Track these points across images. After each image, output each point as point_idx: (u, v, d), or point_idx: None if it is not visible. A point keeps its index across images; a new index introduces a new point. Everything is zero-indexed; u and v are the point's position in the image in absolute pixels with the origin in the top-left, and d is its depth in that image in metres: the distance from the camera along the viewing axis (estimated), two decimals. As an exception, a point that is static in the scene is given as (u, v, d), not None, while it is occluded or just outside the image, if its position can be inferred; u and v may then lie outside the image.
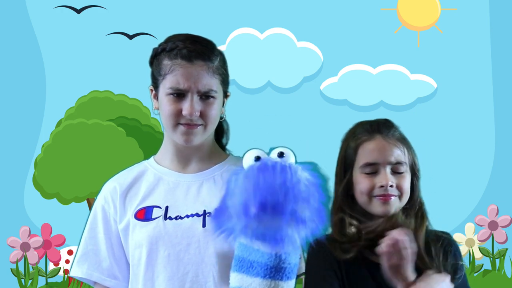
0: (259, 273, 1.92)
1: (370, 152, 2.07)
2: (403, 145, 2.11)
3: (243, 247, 1.94)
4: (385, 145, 2.08)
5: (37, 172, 4.62)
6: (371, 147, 2.08)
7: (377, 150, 2.07)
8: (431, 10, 4.75)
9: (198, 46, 2.10)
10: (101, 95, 4.69)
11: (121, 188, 2.16)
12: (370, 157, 2.08)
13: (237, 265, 1.95)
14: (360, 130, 2.13)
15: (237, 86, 4.54)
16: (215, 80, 2.10)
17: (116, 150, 4.59)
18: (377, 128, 2.11)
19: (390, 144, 2.08)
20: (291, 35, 4.75)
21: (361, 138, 2.10)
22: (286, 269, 1.93)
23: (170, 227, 2.09)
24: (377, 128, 2.11)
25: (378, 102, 4.75)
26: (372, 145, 2.08)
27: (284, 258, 1.92)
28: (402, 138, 2.12)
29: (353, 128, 2.16)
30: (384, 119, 2.15)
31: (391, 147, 2.08)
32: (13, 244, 4.58)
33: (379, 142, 2.08)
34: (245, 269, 1.93)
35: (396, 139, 2.10)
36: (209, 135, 2.15)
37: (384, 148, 2.07)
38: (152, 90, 2.17)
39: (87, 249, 2.17)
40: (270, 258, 1.91)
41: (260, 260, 1.92)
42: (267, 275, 1.91)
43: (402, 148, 2.10)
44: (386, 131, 2.10)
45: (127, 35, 4.72)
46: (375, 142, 2.08)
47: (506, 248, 4.72)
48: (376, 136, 2.09)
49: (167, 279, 2.08)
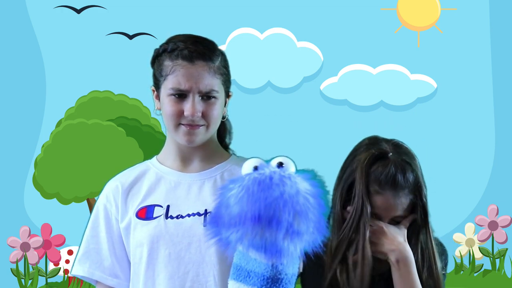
0: (255, 283, 1.90)
1: (376, 207, 2.02)
2: (414, 195, 2.04)
3: (241, 255, 1.93)
4: (392, 205, 2.02)
5: (37, 172, 4.62)
6: (378, 202, 2.02)
7: (384, 208, 2.02)
8: (431, 10, 4.75)
9: (199, 46, 2.10)
10: (101, 95, 4.69)
11: (123, 187, 2.17)
12: (374, 209, 2.02)
13: (234, 273, 1.94)
14: (374, 175, 2.02)
15: (237, 86, 4.54)
16: (216, 80, 2.10)
17: (116, 150, 4.59)
18: (392, 181, 2.01)
19: (398, 203, 2.02)
20: (291, 35, 4.76)
21: (371, 186, 2.02)
22: (283, 280, 1.91)
23: (171, 226, 2.09)
24: (392, 181, 2.01)
25: (378, 102, 4.75)
26: (380, 201, 2.02)
27: (281, 269, 1.90)
28: (415, 189, 2.03)
29: (366, 159, 2.05)
30: (401, 160, 2.04)
31: (398, 205, 2.02)
32: (13, 244, 4.58)
33: (388, 201, 2.01)
34: (242, 278, 1.92)
35: (406, 195, 2.02)
36: (211, 135, 2.15)
37: (390, 207, 2.02)
38: (154, 90, 2.17)
39: (88, 248, 2.17)
40: (266, 268, 1.89)
41: (257, 270, 1.90)
42: (264, 285, 1.90)
43: (407, 200, 2.03)
44: (401, 182, 2.01)
45: (127, 35, 4.72)
46: (383, 199, 2.01)
47: (506, 248, 4.72)
48: (387, 192, 2.01)
49: (167, 278, 2.08)
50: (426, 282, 2.04)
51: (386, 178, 2.00)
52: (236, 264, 1.95)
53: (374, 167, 2.02)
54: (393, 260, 2.01)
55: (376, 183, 2.01)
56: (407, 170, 2.02)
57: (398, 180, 2.00)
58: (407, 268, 2.01)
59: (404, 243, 2.02)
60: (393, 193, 2.01)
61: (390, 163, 2.02)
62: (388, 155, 2.04)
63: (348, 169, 2.07)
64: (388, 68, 4.76)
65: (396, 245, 2.01)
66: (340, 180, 2.08)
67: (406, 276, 2.00)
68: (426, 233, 2.07)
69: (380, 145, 2.07)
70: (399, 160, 2.03)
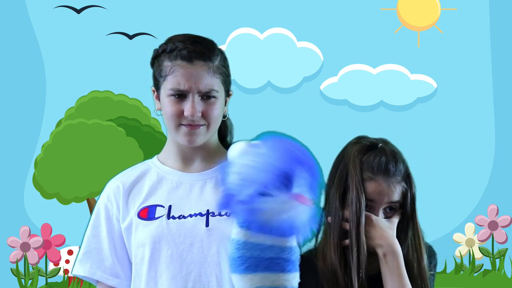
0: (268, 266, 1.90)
1: (369, 193, 2.05)
2: (405, 183, 2.09)
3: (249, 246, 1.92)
4: (385, 189, 2.05)
5: (37, 172, 4.62)
6: (371, 188, 2.05)
7: (377, 193, 2.06)
8: (431, 10, 4.75)
9: (198, 46, 2.10)
10: (101, 95, 4.69)
11: (124, 187, 2.16)
12: (368, 196, 2.05)
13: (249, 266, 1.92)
14: (366, 162, 2.07)
15: (237, 86, 4.54)
16: (216, 79, 2.10)
17: (116, 150, 4.59)
18: (385, 168, 2.06)
19: (390, 187, 2.06)
20: (291, 35, 4.75)
21: (364, 173, 2.06)
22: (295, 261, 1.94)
23: (173, 227, 2.09)
24: (384, 168, 2.06)
25: (378, 102, 4.75)
26: (373, 187, 2.05)
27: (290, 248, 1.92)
28: (406, 177, 2.09)
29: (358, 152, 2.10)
30: (393, 152, 2.10)
31: (391, 191, 2.06)
32: (13, 244, 4.58)
33: (380, 186, 2.05)
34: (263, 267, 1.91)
35: (397, 182, 2.07)
36: (212, 135, 2.15)
37: (383, 192, 2.06)
38: (154, 91, 2.17)
39: (89, 247, 2.17)
40: (290, 251, 1.91)
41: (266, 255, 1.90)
42: (291, 267, 1.91)
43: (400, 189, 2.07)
44: (392, 170, 2.06)
45: (127, 35, 4.72)
46: (376, 185, 2.05)
47: (506, 248, 4.72)
48: (379, 178, 2.05)
49: (169, 278, 2.08)
50: (415, 277, 2.06)
51: (379, 165, 2.06)
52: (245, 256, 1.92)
53: (366, 156, 2.08)
54: (380, 254, 2.04)
55: (369, 170, 2.06)
56: (398, 159, 2.08)
57: (390, 167, 2.06)
58: (395, 262, 2.03)
59: (393, 237, 2.05)
60: (386, 178, 2.05)
61: (381, 152, 2.08)
62: (378, 146, 2.10)
63: (340, 165, 2.10)
64: (388, 68, 4.76)
65: (384, 239, 2.04)
66: (334, 176, 2.11)
67: (393, 270, 2.03)
68: (414, 228, 2.10)
69: (369, 139, 2.14)
70: (389, 150, 2.09)
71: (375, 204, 2.06)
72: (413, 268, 2.07)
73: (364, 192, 2.04)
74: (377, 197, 2.05)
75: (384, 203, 2.06)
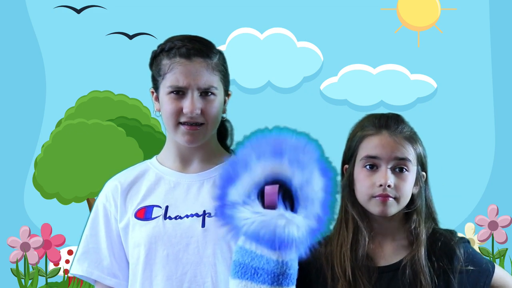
0: (265, 280, 1.89)
1: (373, 147, 2.02)
2: (411, 144, 2.05)
3: (243, 252, 1.91)
4: (389, 142, 2.02)
5: (37, 172, 4.62)
6: (375, 142, 2.03)
7: (381, 146, 2.01)
8: (431, 10, 4.75)
9: (196, 44, 2.11)
10: (101, 95, 4.69)
11: (122, 187, 2.17)
12: (372, 151, 2.02)
13: (238, 271, 1.91)
14: (368, 123, 2.07)
15: (237, 86, 4.54)
16: (215, 77, 2.10)
17: (116, 150, 4.59)
18: (385, 123, 2.05)
19: (395, 141, 2.02)
20: (291, 35, 4.75)
21: (367, 131, 2.05)
22: (291, 275, 1.90)
23: (170, 227, 2.09)
24: (385, 123, 2.05)
25: (378, 102, 4.75)
26: (377, 140, 2.03)
27: (290, 264, 1.90)
28: (410, 136, 2.05)
29: (361, 121, 2.10)
30: (395, 114, 2.09)
31: (396, 144, 2.02)
32: (13, 244, 4.58)
33: (384, 138, 2.02)
34: (248, 275, 1.90)
35: (403, 137, 2.03)
36: (211, 136, 2.15)
37: (388, 145, 2.01)
38: (153, 92, 2.17)
39: (87, 247, 2.18)
40: (276, 265, 1.88)
41: (265, 267, 1.88)
42: (275, 282, 1.88)
43: (408, 147, 2.03)
44: (395, 126, 2.04)
45: (127, 35, 4.72)
46: (380, 137, 2.03)
47: (506, 248, 4.72)
48: (383, 131, 2.03)
49: (165, 278, 2.08)
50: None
51: (380, 121, 2.06)
52: (238, 261, 1.92)
53: (368, 119, 2.09)
54: None
55: (371, 126, 2.05)
56: (401, 121, 2.08)
57: (393, 124, 2.05)
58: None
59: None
60: (389, 132, 2.03)
61: (384, 114, 2.09)
62: (381, 113, 2.10)
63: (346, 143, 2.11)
64: (388, 68, 4.76)
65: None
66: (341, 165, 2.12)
67: None
68: (426, 189, 2.11)
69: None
70: (392, 115, 2.09)
71: (381, 161, 2.01)
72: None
73: (367, 149, 2.02)
74: (381, 151, 2.01)
75: (390, 159, 2.01)
